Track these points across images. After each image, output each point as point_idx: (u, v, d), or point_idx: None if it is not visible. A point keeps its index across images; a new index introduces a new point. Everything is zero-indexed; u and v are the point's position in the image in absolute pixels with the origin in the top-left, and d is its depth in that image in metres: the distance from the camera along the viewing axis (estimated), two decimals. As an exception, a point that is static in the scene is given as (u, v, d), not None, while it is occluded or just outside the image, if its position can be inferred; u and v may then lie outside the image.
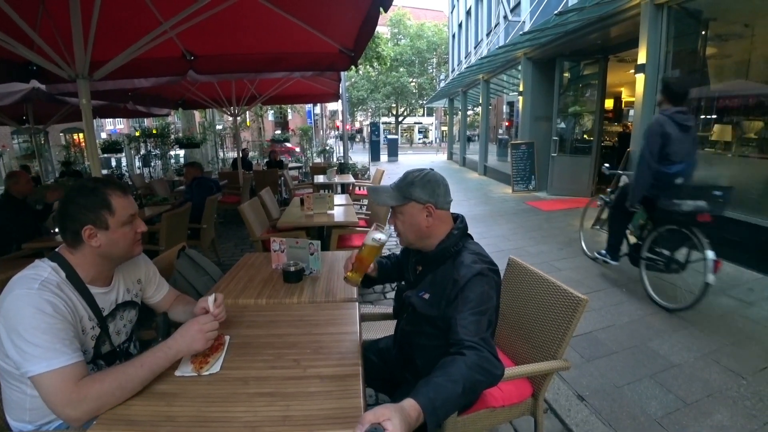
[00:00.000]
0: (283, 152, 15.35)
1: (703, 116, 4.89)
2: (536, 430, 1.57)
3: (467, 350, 1.08)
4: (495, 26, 12.58)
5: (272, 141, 17.64)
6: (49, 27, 2.32)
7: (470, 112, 16.64)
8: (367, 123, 30.59)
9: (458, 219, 1.41)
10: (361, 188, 7.30)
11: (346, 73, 8.68)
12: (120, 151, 12.92)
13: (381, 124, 25.64)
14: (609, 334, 2.84)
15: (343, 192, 6.76)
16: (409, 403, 0.90)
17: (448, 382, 0.98)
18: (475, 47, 15.42)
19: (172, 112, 8.93)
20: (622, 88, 11.15)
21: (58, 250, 1.22)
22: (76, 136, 18.34)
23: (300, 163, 12.74)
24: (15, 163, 13.24)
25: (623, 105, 11.68)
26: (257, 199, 4.11)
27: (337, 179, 7.05)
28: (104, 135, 22.37)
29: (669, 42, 4.96)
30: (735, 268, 3.92)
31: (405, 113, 36.28)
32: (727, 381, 2.28)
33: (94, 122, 3.35)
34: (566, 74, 8.24)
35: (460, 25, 18.91)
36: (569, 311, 1.45)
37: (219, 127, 15.51)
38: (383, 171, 7.25)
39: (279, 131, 24.24)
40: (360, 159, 14.36)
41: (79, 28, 2.09)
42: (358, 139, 35.94)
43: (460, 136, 17.02)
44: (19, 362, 1.02)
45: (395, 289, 1.58)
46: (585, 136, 8.21)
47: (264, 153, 13.97)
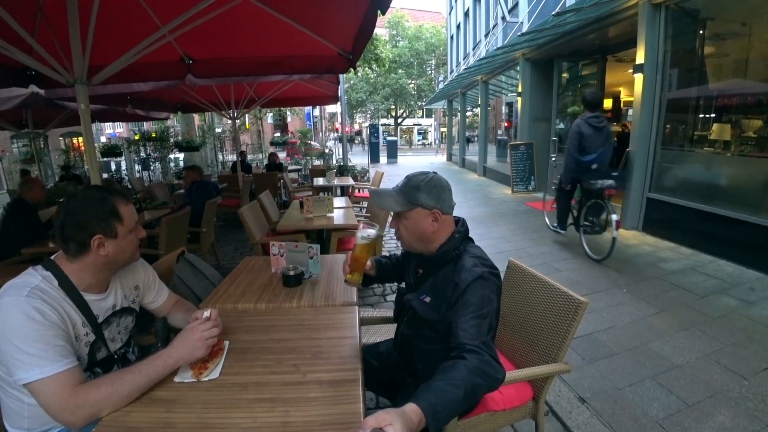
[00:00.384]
0: (293, 152, 15.29)
1: (702, 115, 4.90)
2: (537, 433, 1.57)
3: (468, 354, 1.07)
4: (493, 27, 12.61)
5: (272, 143, 17.65)
6: (47, 33, 2.32)
7: (469, 113, 16.66)
8: (367, 125, 30.60)
9: (459, 222, 1.40)
10: (361, 190, 7.30)
11: (345, 75, 8.69)
12: (119, 154, 12.91)
13: (380, 125, 25.66)
14: (610, 335, 2.83)
15: (343, 194, 6.76)
16: (411, 408, 0.90)
17: (449, 386, 0.98)
18: (474, 48, 15.46)
19: (171, 115, 8.92)
20: (621, 88, 11.14)
21: (53, 258, 1.22)
22: (75, 140, 18.33)
23: (299, 166, 12.74)
24: (15, 167, 13.23)
25: (622, 105, 11.67)
26: (257, 203, 4.11)
27: (336, 182, 7.05)
28: (104, 138, 22.37)
29: (667, 42, 4.96)
30: (736, 267, 3.91)
31: (404, 115, 36.30)
32: (728, 382, 2.27)
33: (94, 126, 3.35)
34: (565, 75, 8.25)
35: (458, 27, 18.95)
36: (570, 314, 1.45)
37: (218, 130, 15.51)
38: (383, 173, 7.25)
39: (278, 134, 24.27)
40: (359, 161, 14.37)
41: (76, 33, 2.09)
42: (358, 141, 35.96)
43: (459, 138, 17.02)
44: (11, 370, 1.01)
45: (396, 292, 1.58)
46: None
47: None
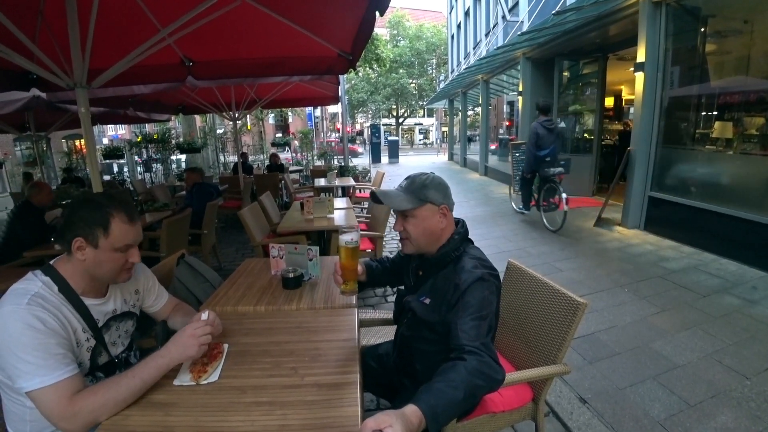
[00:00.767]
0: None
1: (703, 113, 4.88)
2: (537, 434, 1.57)
3: (468, 355, 1.07)
4: (493, 27, 12.60)
5: (273, 144, 17.67)
6: (47, 37, 2.33)
7: (470, 112, 16.64)
8: (368, 125, 30.63)
9: (459, 223, 1.41)
10: (362, 191, 7.30)
11: (346, 75, 8.69)
12: (121, 156, 12.96)
13: (381, 125, 25.66)
14: (611, 335, 2.82)
15: (344, 195, 6.76)
16: (411, 410, 0.90)
17: (449, 387, 0.98)
18: (474, 48, 15.44)
19: (172, 117, 8.95)
20: (622, 87, 11.11)
21: (52, 262, 1.22)
22: (77, 143, 18.40)
23: (300, 167, 12.76)
24: (18, 170, 13.29)
25: (623, 103, 11.64)
26: (257, 204, 4.11)
27: (337, 182, 7.05)
28: (106, 141, 22.48)
29: (668, 39, 4.94)
30: (738, 266, 3.90)
31: (405, 114, 36.32)
32: (731, 382, 2.26)
33: (96, 128, 3.36)
34: (565, 73, 8.22)
35: (458, 26, 18.93)
36: (569, 315, 1.44)
37: (220, 131, 15.54)
38: (383, 173, 7.25)
39: (279, 134, 24.30)
40: (360, 161, 14.36)
41: (76, 38, 2.10)
42: (359, 141, 35.97)
43: (460, 137, 17.00)
44: (12, 378, 1.02)
45: (395, 294, 1.58)
46: (585, 135, 8.18)
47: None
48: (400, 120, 36.44)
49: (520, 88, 9.09)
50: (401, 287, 1.59)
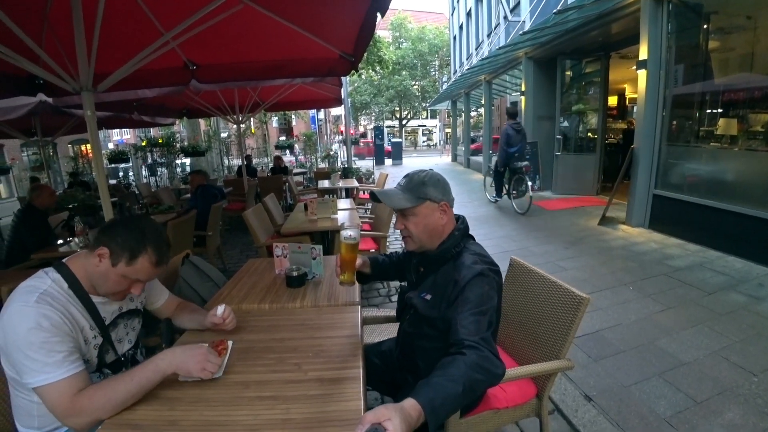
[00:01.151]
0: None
1: (707, 110, 4.85)
2: (542, 430, 1.56)
3: (467, 350, 1.07)
4: (495, 27, 12.60)
5: (277, 147, 17.75)
6: (53, 41, 2.37)
7: (473, 113, 16.63)
8: (371, 127, 30.66)
9: (459, 220, 1.41)
10: (365, 192, 7.32)
11: (349, 77, 8.73)
12: (127, 160, 13.08)
13: (385, 127, 25.68)
14: (616, 333, 2.81)
15: (348, 196, 6.78)
16: (410, 403, 0.90)
17: (448, 381, 0.98)
18: (477, 48, 15.45)
19: (177, 121, 9.02)
20: (625, 85, 11.07)
21: (65, 260, 1.24)
22: (84, 147, 18.59)
23: (304, 169, 12.80)
24: (25, 175, 13.45)
25: (627, 101, 11.59)
26: (261, 206, 4.14)
27: (341, 184, 7.07)
28: (111, 145, 22.67)
29: (670, 37, 4.93)
30: (744, 263, 3.87)
31: (408, 116, 36.33)
32: (737, 378, 2.24)
33: (101, 133, 3.40)
34: (568, 73, 8.20)
35: (460, 27, 18.95)
36: (571, 310, 1.44)
37: (224, 134, 15.62)
38: (387, 174, 7.27)
39: (283, 137, 24.38)
40: (364, 163, 14.39)
41: (82, 41, 2.13)
42: (362, 143, 35.99)
43: (464, 138, 16.99)
44: (20, 374, 1.05)
45: (398, 292, 1.59)
46: (589, 134, 8.16)
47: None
48: (404, 122, 36.45)
49: (523, 88, 9.07)
50: (404, 284, 1.60)
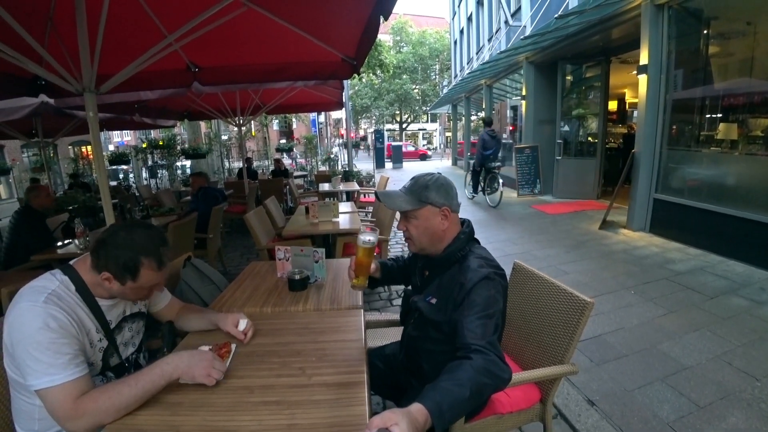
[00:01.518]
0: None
1: (708, 115, 4.86)
2: (545, 435, 1.56)
3: (474, 354, 1.07)
4: (496, 31, 12.63)
5: (277, 150, 17.77)
6: (56, 42, 2.37)
7: (474, 117, 16.64)
8: (372, 130, 30.70)
9: (465, 223, 1.41)
10: (366, 195, 7.31)
11: (350, 81, 8.73)
12: (127, 162, 13.08)
13: (385, 131, 25.69)
14: (618, 337, 2.80)
15: (348, 200, 6.78)
16: (417, 408, 0.90)
17: (455, 386, 0.97)
18: (477, 53, 15.48)
19: (178, 123, 9.02)
20: (626, 89, 11.10)
21: (72, 263, 1.23)
22: (84, 149, 18.60)
23: (305, 172, 12.80)
24: (25, 176, 13.44)
25: (627, 106, 11.62)
26: (262, 208, 4.13)
27: (342, 187, 7.07)
28: (112, 147, 22.65)
29: (671, 42, 4.94)
30: (746, 267, 3.87)
31: (409, 120, 36.38)
32: (740, 383, 2.24)
33: (102, 134, 3.39)
34: (569, 77, 8.23)
35: (461, 31, 19.00)
36: (576, 315, 1.44)
37: (224, 137, 15.63)
38: (388, 178, 7.26)
39: (284, 140, 24.40)
40: (364, 166, 14.39)
41: (85, 43, 2.13)
42: (363, 146, 36.05)
43: (464, 142, 16.99)
44: (23, 375, 1.04)
45: (402, 296, 1.58)
46: (589, 139, 8.18)
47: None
48: (404, 125, 36.50)
49: (524, 92, 9.10)
50: (409, 288, 1.59)
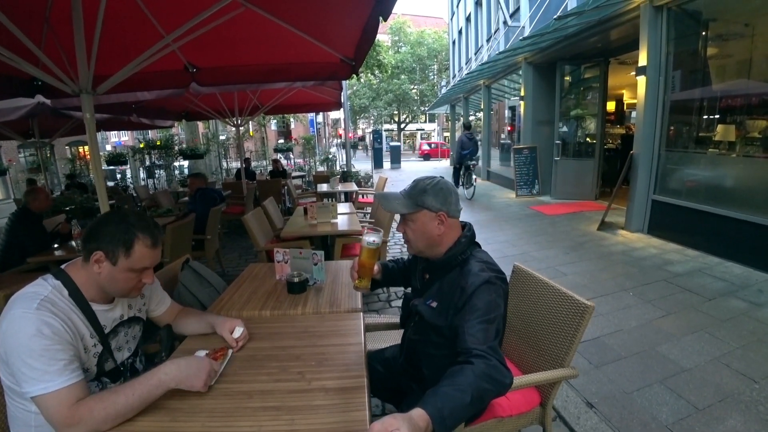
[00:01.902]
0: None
1: (706, 117, 4.87)
2: (545, 439, 1.55)
3: (475, 359, 1.06)
4: (495, 32, 12.64)
5: (275, 150, 17.74)
6: (53, 43, 2.35)
7: (472, 117, 16.65)
8: (370, 131, 30.69)
9: (466, 227, 1.40)
10: (365, 196, 7.30)
11: (348, 81, 8.73)
12: (125, 163, 13.03)
13: (383, 131, 25.70)
14: (617, 339, 2.80)
15: (347, 200, 6.77)
16: (418, 413, 0.89)
17: (456, 391, 0.97)
18: (476, 53, 15.49)
19: (175, 123, 9.00)
20: (624, 91, 11.13)
21: (63, 267, 1.22)
22: (81, 149, 18.54)
23: (303, 172, 12.78)
24: (22, 176, 13.38)
25: (625, 107, 11.65)
26: (260, 210, 4.11)
27: (340, 188, 7.06)
28: (109, 147, 22.60)
29: (669, 43, 4.95)
30: (744, 269, 3.88)
31: (407, 120, 36.38)
32: (739, 385, 2.24)
33: (99, 135, 3.37)
34: (567, 78, 8.24)
35: (460, 32, 19.01)
36: (576, 318, 1.43)
37: (222, 137, 15.60)
38: (386, 178, 7.26)
39: (282, 140, 24.37)
40: (362, 167, 14.38)
41: (82, 44, 2.11)
42: (361, 146, 36.04)
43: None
44: (18, 382, 1.02)
45: (402, 298, 1.57)
46: (587, 139, 8.19)
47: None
48: (402, 126, 36.51)
49: (522, 93, 9.11)
50: (408, 291, 1.58)
